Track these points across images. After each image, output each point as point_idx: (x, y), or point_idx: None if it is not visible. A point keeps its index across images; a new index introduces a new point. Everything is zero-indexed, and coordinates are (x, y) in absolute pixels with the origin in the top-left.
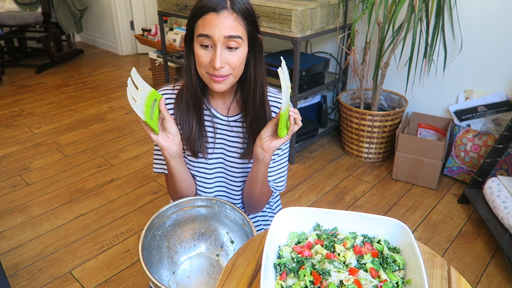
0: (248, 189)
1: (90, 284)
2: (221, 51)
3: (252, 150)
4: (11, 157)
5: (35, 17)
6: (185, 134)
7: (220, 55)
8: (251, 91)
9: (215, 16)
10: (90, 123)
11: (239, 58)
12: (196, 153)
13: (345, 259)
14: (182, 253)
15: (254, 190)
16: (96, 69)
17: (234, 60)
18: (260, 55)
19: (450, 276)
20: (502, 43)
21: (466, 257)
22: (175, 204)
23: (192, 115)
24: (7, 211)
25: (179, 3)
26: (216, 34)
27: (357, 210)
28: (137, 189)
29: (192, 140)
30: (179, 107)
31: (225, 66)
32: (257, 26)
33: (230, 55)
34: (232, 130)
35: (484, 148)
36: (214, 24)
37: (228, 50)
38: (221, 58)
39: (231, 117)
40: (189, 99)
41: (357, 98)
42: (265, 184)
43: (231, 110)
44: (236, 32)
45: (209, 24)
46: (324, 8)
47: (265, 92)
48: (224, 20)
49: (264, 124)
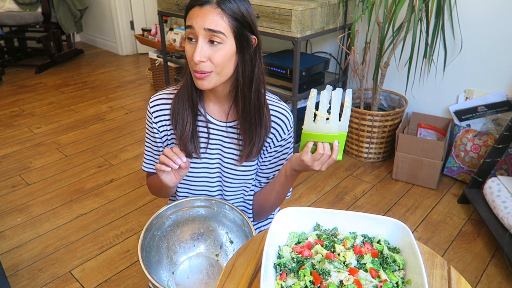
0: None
1: (90, 284)
2: (201, 44)
3: (248, 154)
4: (11, 157)
5: (35, 17)
6: (179, 133)
7: (200, 49)
8: (244, 93)
9: (198, 9)
10: (90, 123)
11: (222, 55)
12: (189, 153)
13: (345, 259)
14: (182, 254)
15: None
16: (96, 69)
17: (216, 56)
18: (251, 57)
19: (450, 276)
20: (502, 43)
21: (466, 257)
22: (174, 204)
23: (187, 115)
24: (7, 211)
25: (179, 3)
26: (196, 26)
27: (357, 210)
28: (137, 189)
29: (185, 140)
30: (176, 105)
31: (207, 62)
32: (250, 27)
33: (212, 50)
34: (228, 136)
35: (484, 148)
36: (196, 15)
37: (210, 45)
38: (201, 52)
39: (229, 123)
40: (185, 98)
41: (357, 98)
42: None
43: (230, 116)
44: (217, 27)
45: (192, 15)
46: (324, 8)
47: (262, 96)
48: (207, 13)
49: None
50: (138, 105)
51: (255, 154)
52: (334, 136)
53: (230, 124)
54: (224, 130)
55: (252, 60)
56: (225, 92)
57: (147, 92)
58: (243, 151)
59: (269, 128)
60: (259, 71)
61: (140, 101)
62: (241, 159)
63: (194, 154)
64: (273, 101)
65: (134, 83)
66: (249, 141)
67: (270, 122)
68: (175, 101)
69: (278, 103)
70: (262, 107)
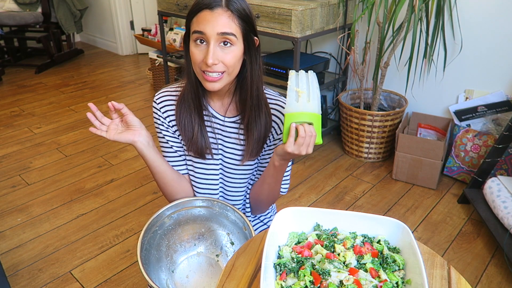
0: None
1: (90, 284)
2: (214, 48)
3: (250, 154)
4: (11, 157)
5: (35, 17)
6: (187, 136)
7: (213, 52)
8: (247, 92)
9: (209, 13)
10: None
11: (233, 57)
12: (201, 154)
13: (345, 259)
14: (182, 252)
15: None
16: (96, 69)
17: (228, 58)
18: (256, 57)
19: (450, 276)
20: (502, 43)
21: (466, 257)
22: (175, 204)
23: (194, 117)
24: (7, 211)
25: (179, 3)
26: (209, 31)
27: (357, 210)
28: (137, 189)
29: (195, 141)
30: (181, 108)
31: (219, 64)
32: (253, 28)
33: (224, 52)
34: (228, 131)
35: (484, 148)
36: (208, 21)
37: (222, 48)
38: (214, 54)
39: (227, 118)
40: (190, 100)
41: (357, 98)
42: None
43: (229, 111)
44: (230, 29)
45: (203, 21)
46: (324, 8)
47: (261, 94)
48: (218, 17)
49: (260, 126)
50: (138, 105)
51: (257, 153)
52: (315, 116)
53: (229, 119)
54: (224, 124)
55: (256, 59)
56: (226, 88)
57: (147, 92)
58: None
59: (270, 127)
60: (259, 69)
61: (140, 101)
62: (244, 159)
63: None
64: (273, 95)
65: (134, 83)
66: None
67: (271, 120)
68: (180, 106)
69: (278, 98)
70: (262, 105)
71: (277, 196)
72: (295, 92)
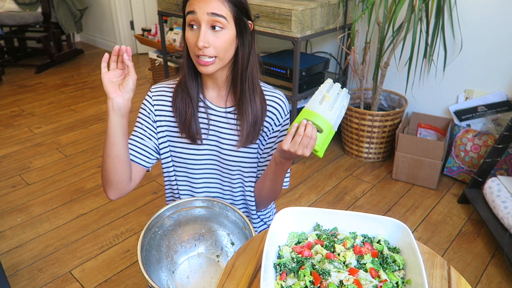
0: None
1: (90, 284)
2: (205, 31)
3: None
4: (11, 157)
5: (35, 17)
6: (181, 119)
7: (204, 34)
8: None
9: None
10: (90, 123)
11: (224, 41)
12: (192, 137)
13: (345, 259)
14: (182, 253)
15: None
16: (96, 69)
17: (218, 42)
18: (249, 41)
19: (450, 276)
20: (502, 43)
21: (466, 257)
22: (175, 204)
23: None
24: (7, 211)
25: (179, 3)
26: (199, 10)
27: (357, 210)
28: (137, 189)
29: (187, 124)
30: (177, 93)
31: (210, 47)
32: (246, 12)
33: (215, 36)
34: (227, 122)
35: (484, 148)
36: (198, 1)
37: (213, 32)
38: (205, 37)
39: (222, 108)
40: (185, 85)
41: (357, 98)
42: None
43: (226, 102)
44: (220, 11)
45: (194, 2)
46: (324, 8)
47: (256, 81)
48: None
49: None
50: (138, 105)
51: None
52: (328, 125)
53: (229, 110)
54: (224, 116)
55: (250, 44)
56: (223, 78)
57: (147, 92)
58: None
59: (265, 111)
60: (254, 54)
61: (140, 101)
62: (240, 143)
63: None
64: (268, 88)
65: None
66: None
67: (266, 105)
68: (177, 90)
69: (274, 91)
70: (256, 89)
71: (278, 192)
72: (322, 95)
